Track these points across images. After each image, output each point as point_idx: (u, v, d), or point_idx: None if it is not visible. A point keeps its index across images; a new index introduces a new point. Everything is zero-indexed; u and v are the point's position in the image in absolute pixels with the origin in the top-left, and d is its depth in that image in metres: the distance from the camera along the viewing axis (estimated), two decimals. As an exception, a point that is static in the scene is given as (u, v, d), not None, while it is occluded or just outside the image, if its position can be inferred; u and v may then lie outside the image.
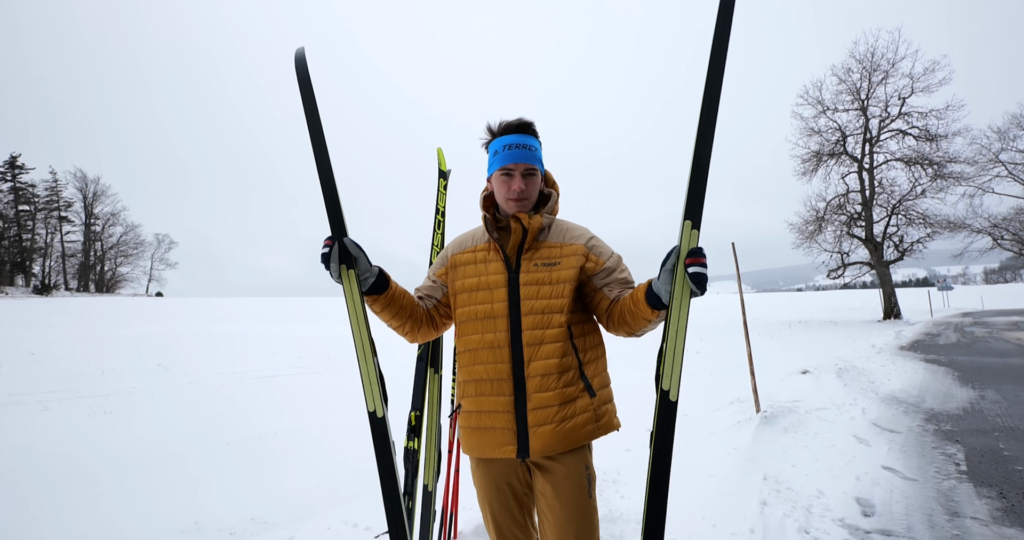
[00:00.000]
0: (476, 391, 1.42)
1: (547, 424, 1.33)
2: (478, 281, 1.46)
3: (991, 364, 8.26)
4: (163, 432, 5.10)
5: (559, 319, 1.37)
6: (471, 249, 1.52)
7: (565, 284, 1.39)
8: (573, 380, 1.37)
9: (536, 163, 1.46)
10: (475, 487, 1.50)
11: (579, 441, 1.36)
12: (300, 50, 1.48)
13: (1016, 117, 27.05)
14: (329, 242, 1.32)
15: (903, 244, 24.48)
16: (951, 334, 14.21)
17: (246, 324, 22.74)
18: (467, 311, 1.46)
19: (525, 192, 1.43)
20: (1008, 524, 2.63)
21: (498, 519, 1.45)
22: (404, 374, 7.74)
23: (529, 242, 1.44)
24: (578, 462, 1.37)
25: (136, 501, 3.38)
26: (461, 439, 1.49)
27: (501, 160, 1.43)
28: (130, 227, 55.02)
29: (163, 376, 9.12)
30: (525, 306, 1.39)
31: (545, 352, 1.36)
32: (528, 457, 1.34)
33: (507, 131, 1.46)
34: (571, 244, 1.45)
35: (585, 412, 1.37)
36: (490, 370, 1.39)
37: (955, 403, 5.47)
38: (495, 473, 1.44)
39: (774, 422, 4.32)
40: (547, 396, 1.34)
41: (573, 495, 1.34)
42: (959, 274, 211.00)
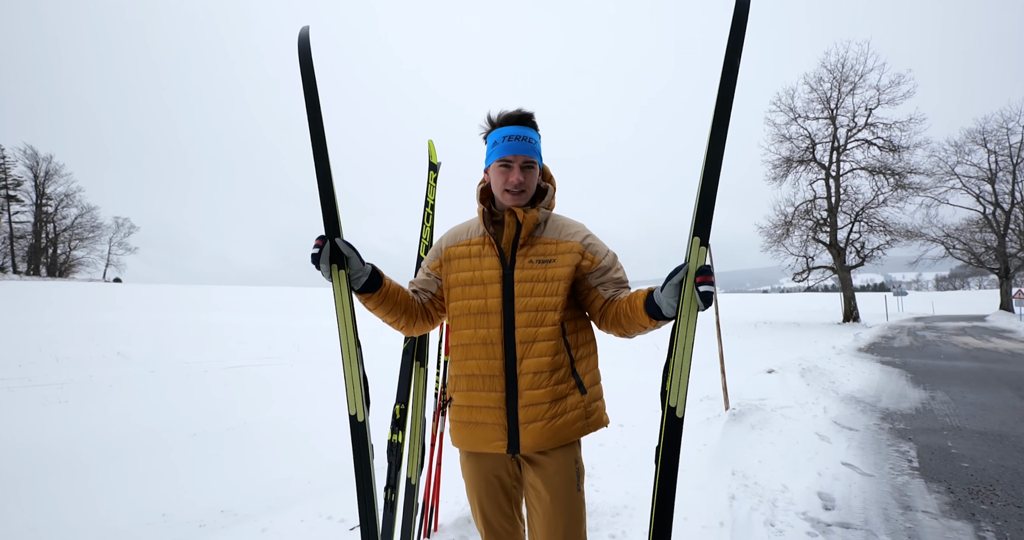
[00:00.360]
0: (468, 386, 1.42)
1: (538, 421, 1.34)
2: (472, 276, 1.45)
3: (941, 367, 8.72)
4: (125, 422, 4.91)
5: (553, 317, 1.37)
6: (466, 242, 1.50)
7: (560, 282, 1.39)
8: (564, 378, 1.38)
9: (535, 156, 1.44)
10: (464, 479, 1.51)
11: (569, 438, 1.38)
12: (304, 29, 1.39)
13: (971, 132, 28.55)
14: (320, 242, 1.30)
15: (864, 250, 25.55)
16: (905, 337, 14.92)
17: (211, 313, 22.01)
18: (460, 306, 1.45)
19: (523, 184, 1.42)
20: (955, 517, 2.79)
21: (486, 511, 1.46)
22: (389, 367, 7.69)
23: (524, 237, 1.43)
24: (568, 456, 1.39)
25: (98, 494, 3.25)
26: (451, 432, 1.49)
27: (500, 151, 1.41)
28: (86, 209, 52.36)
29: (123, 365, 8.76)
30: (519, 303, 1.38)
31: (538, 350, 1.36)
32: (518, 452, 1.36)
33: (507, 122, 1.43)
34: (567, 241, 1.44)
35: (576, 409, 1.39)
36: (482, 366, 1.39)
37: (908, 403, 5.76)
38: (485, 466, 1.44)
39: (742, 419, 4.47)
40: (538, 393, 1.35)
41: (562, 488, 1.36)
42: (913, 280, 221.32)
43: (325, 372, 8.38)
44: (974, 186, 29.06)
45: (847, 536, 2.59)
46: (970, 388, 6.62)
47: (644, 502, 2.87)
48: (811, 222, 26.07)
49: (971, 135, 28.53)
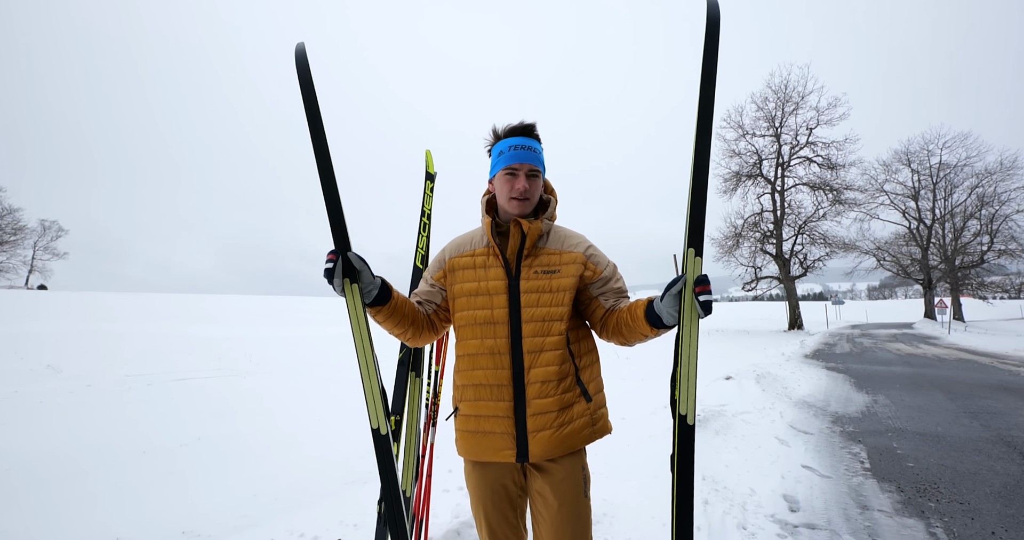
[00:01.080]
0: (475, 396, 1.42)
1: (546, 429, 1.36)
2: (477, 286, 1.45)
3: (879, 372, 9.32)
4: (62, 441, 4.51)
5: (559, 327, 1.40)
6: (470, 253, 1.51)
7: (565, 292, 1.42)
8: (571, 386, 1.41)
9: (539, 165, 1.48)
10: (469, 490, 1.50)
11: (576, 445, 1.40)
12: (300, 46, 1.38)
13: (897, 153, 30.99)
14: (333, 257, 1.28)
15: (807, 261, 27.12)
16: (845, 344, 15.88)
17: (151, 322, 20.66)
18: (466, 316, 1.45)
19: (528, 192, 1.45)
20: (908, 515, 2.98)
21: (492, 521, 1.46)
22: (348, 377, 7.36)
23: (529, 248, 1.45)
24: (575, 463, 1.41)
25: (40, 520, 2.96)
26: (458, 442, 1.49)
27: (506, 160, 1.44)
28: (7, 210, 48.27)
29: (53, 379, 8.09)
30: (526, 313, 1.40)
31: (545, 359, 1.38)
32: (527, 461, 1.37)
33: (512, 133, 1.47)
34: (570, 252, 1.48)
35: (582, 417, 1.41)
36: (490, 375, 1.40)
37: (855, 407, 6.12)
38: (491, 476, 1.45)
39: (706, 425, 4.61)
40: (546, 402, 1.37)
41: (570, 495, 1.38)
42: (848, 290, 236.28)
43: (283, 384, 8.02)
44: (900, 202, 31.56)
45: (814, 536, 2.71)
46: (907, 392, 7.10)
47: (622, 509, 2.90)
48: (759, 234, 27.48)
49: (897, 155, 31.03)
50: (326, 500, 3.00)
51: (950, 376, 8.58)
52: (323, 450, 3.93)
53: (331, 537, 2.54)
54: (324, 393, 7.21)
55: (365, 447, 4.41)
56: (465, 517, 2.55)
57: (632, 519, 2.77)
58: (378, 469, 1.26)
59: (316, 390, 7.53)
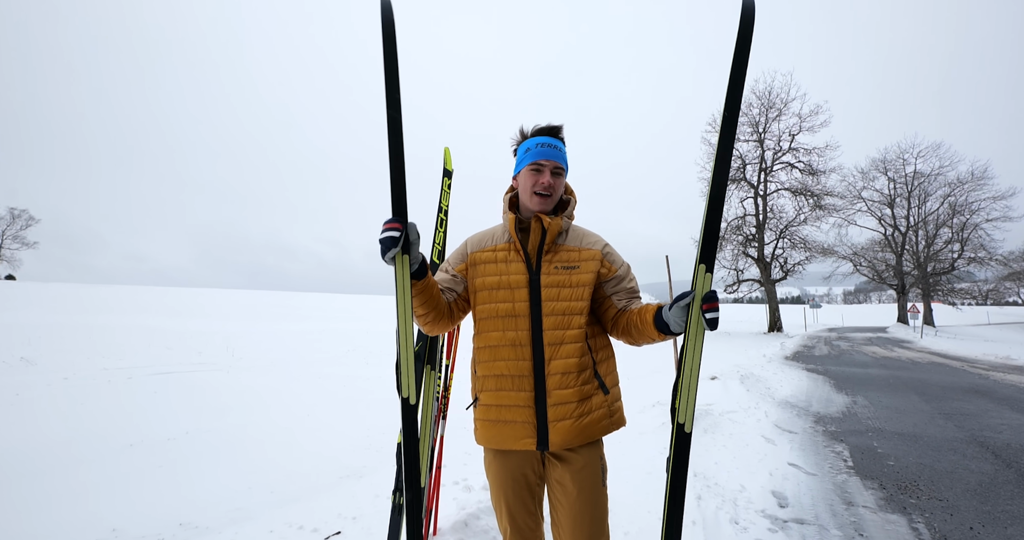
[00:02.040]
0: (497, 386, 1.46)
1: (567, 419, 1.40)
2: (499, 280, 1.49)
3: (857, 374, 9.59)
4: (44, 434, 4.40)
5: (579, 321, 1.44)
6: (491, 248, 1.54)
7: (584, 288, 1.47)
8: (589, 378, 1.45)
9: (563, 163, 1.53)
10: (489, 478, 1.54)
11: (594, 435, 1.44)
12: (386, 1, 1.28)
13: (875, 161, 31.80)
14: (397, 225, 1.22)
15: (787, 265, 27.70)
16: (823, 347, 16.29)
17: (126, 315, 20.18)
18: (488, 308, 1.48)
19: (551, 188, 1.49)
20: (890, 511, 3.09)
21: (512, 508, 1.50)
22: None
23: (549, 244, 1.49)
24: (594, 453, 1.46)
25: (30, 511, 2.90)
26: (478, 431, 1.52)
27: (533, 156, 1.49)
28: (-24, 196, 46.56)
29: (28, 372, 7.85)
30: (547, 307, 1.44)
31: (565, 352, 1.42)
32: (547, 449, 1.41)
33: (539, 133, 1.53)
34: (588, 249, 1.52)
35: (600, 408, 1.46)
36: (511, 367, 1.43)
37: (835, 407, 6.29)
38: (512, 465, 1.48)
39: (695, 424, 4.69)
40: (566, 393, 1.41)
41: (589, 483, 1.42)
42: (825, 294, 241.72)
43: (265, 379, 7.92)
44: (877, 209, 32.43)
45: (803, 531, 2.79)
46: (883, 393, 7.33)
47: (618, 504, 2.94)
48: (741, 237, 27.97)
49: (875, 163, 31.87)
50: (322, 493, 2.99)
51: (924, 379, 8.87)
52: (315, 444, 3.91)
53: (330, 529, 2.54)
54: (308, 388, 7.14)
55: (357, 442, 4.40)
56: (472, 509, 2.57)
57: (628, 514, 2.81)
58: (403, 439, 1.26)
59: (299, 385, 7.46)
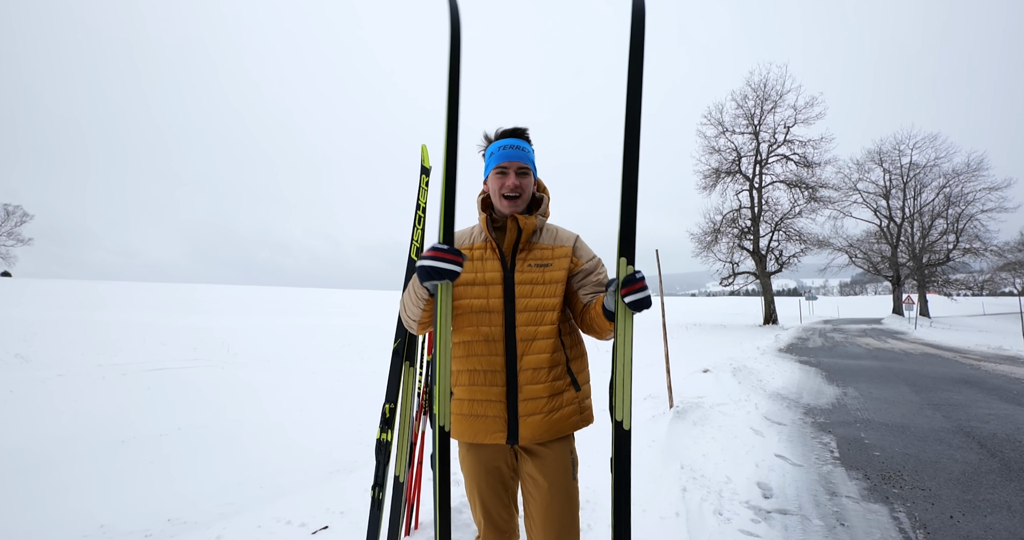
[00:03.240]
0: (470, 381, 1.48)
1: (537, 414, 1.43)
2: (475, 277, 1.51)
3: (849, 365, 9.66)
4: (37, 431, 4.41)
5: (552, 317, 1.46)
6: (468, 247, 1.57)
7: (557, 284, 1.49)
8: (561, 375, 1.48)
9: (529, 163, 1.54)
10: (463, 472, 1.57)
11: (564, 431, 1.47)
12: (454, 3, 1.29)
13: (871, 153, 31.80)
14: (456, 259, 1.25)
15: (782, 257, 27.78)
16: (817, 339, 16.38)
17: (120, 311, 20.17)
18: (463, 304, 1.51)
19: (519, 188, 1.51)
20: (873, 501, 3.13)
21: (486, 501, 1.52)
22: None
23: (524, 242, 1.52)
24: (564, 447, 1.48)
25: (22, 508, 2.92)
26: (452, 425, 1.53)
27: (496, 159, 1.51)
28: (-31, 192, 46.21)
29: (22, 368, 7.85)
30: (520, 303, 1.46)
31: (537, 347, 1.45)
32: (517, 443, 1.44)
33: (503, 136, 1.54)
34: (561, 246, 1.55)
35: (571, 404, 1.48)
36: (484, 361, 1.46)
37: (825, 399, 6.35)
38: (485, 458, 1.51)
39: (685, 416, 4.74)
40: (537, 388, 1.44)
41: (559, 476, 1.45)
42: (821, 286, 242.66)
43: (261, 373, 7.94)
44: (872, 201, 32.49)
45: (785, 521, 2.83)
46: (874, 384, 7.39)
47: (604, 496, 2.98)
48: (736, 230, 28.01)
49: (870, 155, 31.89)
50: (312, 488, 3.01)
51: (915, 370, 8.95)
52: (306, 440, 3.93)
53: (318, 524, 2.56)
54: (303, 383, 7.16)
55: (349, 437, 4.42)
56: (456, 502, 2.60)
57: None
58: (438, 469, 1.24)
59: (293, 379, 7.48)
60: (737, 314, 37.55)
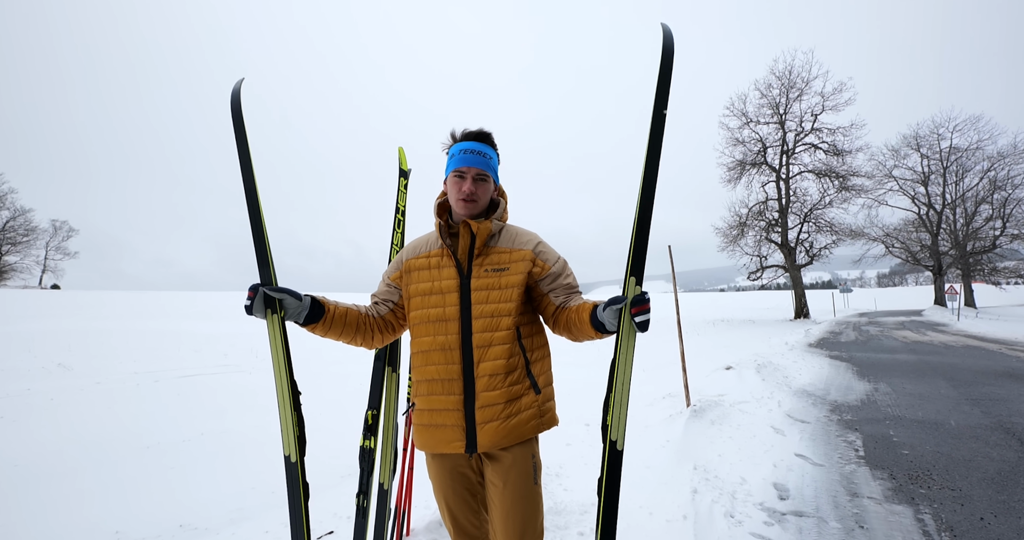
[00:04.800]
0: (428, 390, 1.48)
1: (494, 421, 1.41)
2: (431, 286, 1.51)
3: (883, 360, 9.28)
4: (71, 437, 4.62)
5: (507, 322, 1.45)
6: (425, 254, 1.57)
7: (513, 289, 1.47)
8: (519, 379, 1.46)
9: (489, 170, 1.53)
10: (431, 480, 1.56)
11: (524, 435, 1.45)
12: (237, 84, 1.49)
13: (906, 137, 30.51)
14: (252, 293, 1.35)
15: (813, 249, 26.91)
16: (851, 332, 15.79)
17: (158, 320, 20.95)
18: (420, 314, 1.51)
19: (475, 195, 1.50)
20: (897, 502, 2.99)
21: (453, 508, 1.52)
22: (363, 372, 7.49)
23: (479, 247, 1.50)
24: (524, 452, 1.46)
25: (45, 513, 3.05)
26: (415, 435, 1.54)
27: (456, 163, 1.51)
28: (19, 211, 48.82)
29: (64, 376, 8.24)
30: (476, 310, 1.45)
31: (493, 353, 1.43)
32: (476, 452, 1.42)
33: (467, 138, 1.53)
34: (520, 249, 1.53)
35: (530, 408, 1.46)
36: (441, 371, 1.45)
37: (854, 395, 6.11)
38: (448, 465, 1.51)
39: (702, 415, 4.63)
40: (493, 395, 1.42)
41: (519, 481, 1.43)
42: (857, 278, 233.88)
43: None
44: (909, 188, 31.13)
45: (800, 524, 2.73)
46: (909, 379, 7.08)
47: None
48: (764, 223, 27.25)
49: (906, 140, 30.56)
50: (321, 493, 3.05)
51: (955, 363, 8.53)
52: (320, 446, 3.98)
53: (323, 529, 2.60)
54: (327, 387, 7.29)
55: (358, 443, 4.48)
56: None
57: (621, 508, 2.79)
58: (287, 496, 1.34)
59: (315, 387, 7.61)
60: (767, 309, 36.54)
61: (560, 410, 5.50)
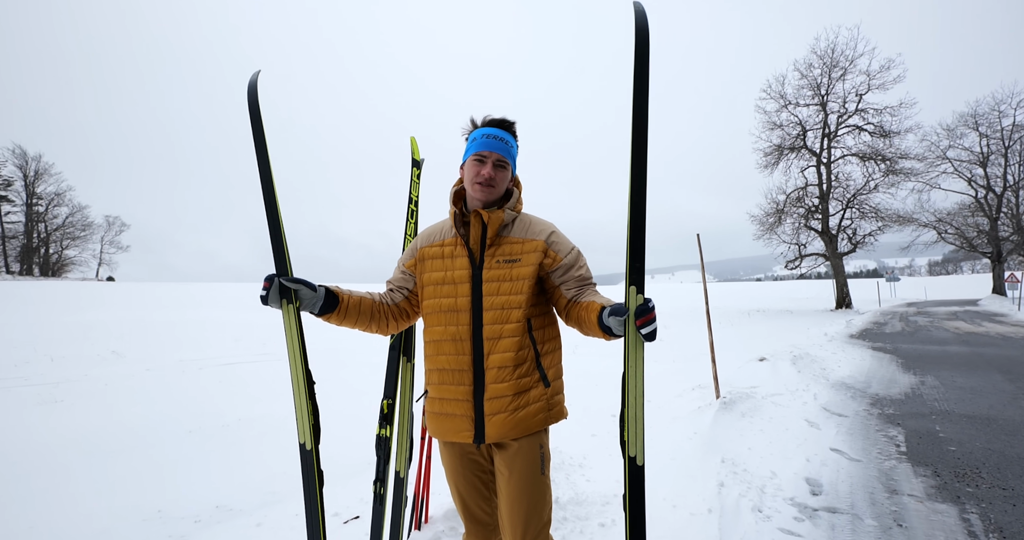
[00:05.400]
0: (439, 380, 1.49)
1: (501, 413, 1.41)
2: (444, 275, 1.51)
3: (931, 352, 8.82)
4: (121, 420, 4.91)
5: (517, 314, 1.43)
6: (439, 243, 1.57)
7: (524, 281, 1.46)
8: (528, 371, 1.45)
9: (509, 158, 1.52)
10: (443, 466, 1.58)
11: (531, 428, 1.44)
12: (253, 76, 1.51)
13: (963, 116, 28.58)
14: (267, 284, 1.38)
15: (856, 236, 25.66)
16: (897, 323, 15.07)
17: (203, 310, 21.95)
18: (433, 303, 1.51)
19: (493, 180, 1.48)
20: (940, 500, 2.84)
21: (464, 494, 1.54)
22: (378, 362, 7.66)
23: (491, 237, 1.49)
24: (533, 443, 1.45)
25: (97, 489, 3.27)
26: (427, 423, 1.56)
27: (477, 146, 1.49)
28: (77, 208, 51.76)
29: (117, 363, 8.76)
30: (487, 302, 1.45)
31: (503, 346, 1.43)
32: (483, 442, 1.43)
33: (490, 124, 1.52)
34: (532, 240, 1.50)
35: (538, 401, 1.45)
36: (452, 361, 1.46)
37: (898, 388, 5.83)
38: (460, 452, 1.52)
39: (732, 407, 4.51)
40: (502, 387, 1.41)
41: (526, 472, 1.42)
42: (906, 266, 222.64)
43: (320, 369, 8.38)
44: (966, 170, 29.19)
45: (833, 520, 2.63)
46: (960, 372, 6.70)
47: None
48: (803, 209, 26.14)
49: (963, 119, 28.60)
50: (349, 479, 3.14)
51: (1013, 356, 8.03)
52: (352, 430, 4.09)
53: (350, 514, 2.68)
54: (356, 374, 7.46)
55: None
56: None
57: (644, 500, 2.77)
58: (302, 483, 1.36)
59: (347, 372, 7.81)
60: (807, 298, 35.23)
61: (586, 400, 5.45)
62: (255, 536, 2.53)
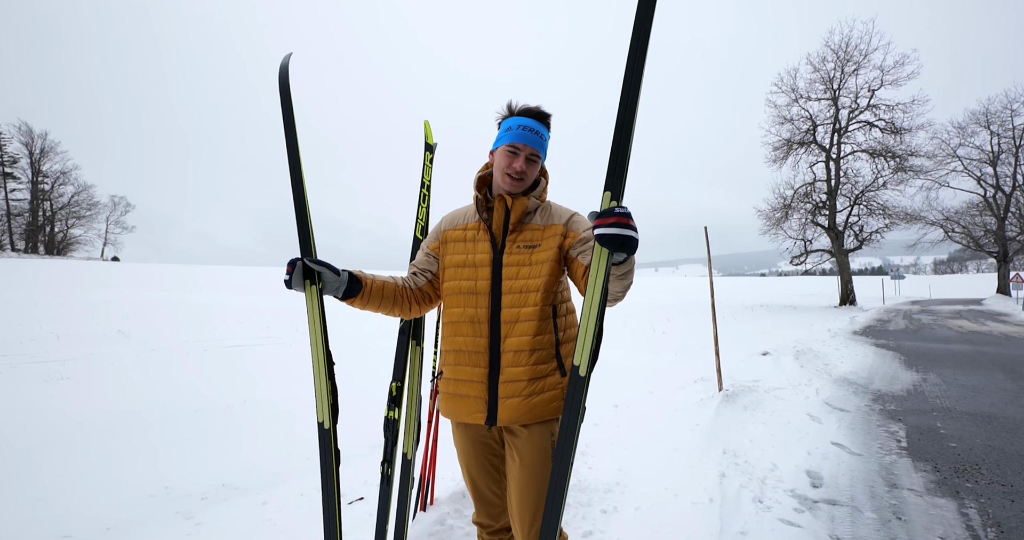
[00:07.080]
0: (455, 360, 1.50)
1: (515, 397, 1.41)
2: (465, 258, 1.52)
3: (934, 349, 8.81)
4: (127, 399, 4.97)
5: (535, 298, 1.43)
6: (462, 227, 1.58)
7: (543, 265, 1.45)
8: (546, 358, 1.44)
9: (542, 151, 1.52)
10: (455, 447, 1.59)
11: (544, 416, 1.43)
12: (285, 59, 1.49)
13: (975, 114, 28.21)
14: (290, 267, 1.37)
15: (863, 233, 25.51)
16: (900, 321, 15.04)
17: (207, 293, 22.08)
18: (452, 285, 1.52)
19: (524, 174, 1.49)
20: (940, 495, 2.86)
21: (475, 476, 1.56)
22: (386, 345, 7.72)
23: (514, 223, 1.50)
24: (544, 430, 1.45)
25: (103, 466, 3.32)
26: (441, 403, 1.57)
27: (512, 137, 1.48)
28: (83, 187, 51.84)
29: (123, 343, 8.83)
30: (506, 285, 1.45)
31: (520, 329, 1.42)
32: (496, 425, 1.43)
33: (526, 114, 1.51)
34: (552, 225, 1.50)
35: (554, 389, 1.44)
36: (469, 342, 1.47)
37: (900, 385, 5.84)
38: (472, 434, 1.53)
39: (735, 400, 4.53)
40: (517, 371, 1.42)
41: (536, 458, 1.43)
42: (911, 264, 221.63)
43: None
44: (975, 168, 28.91)
45: (833, 512, 2.65)
46: (962, 370, 6.70)
47: (636, 479, 2.93)
48: (810, 205, 25.98)
49: (974, 116, 28.25)
50: (354, 461, 3.17)
51: (1016, 355, 8.01)
52: (354, 413, 4.13)
53: (354, 495, 2.71)
54: (358, 359, 7.50)
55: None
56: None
57: (644, 489, 2.79)
58: (320, 461, 1.37)
59: (351, 358, 7.87)
60: (811, 295, 35.17)
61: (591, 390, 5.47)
62: (261, 514, 2.58)
